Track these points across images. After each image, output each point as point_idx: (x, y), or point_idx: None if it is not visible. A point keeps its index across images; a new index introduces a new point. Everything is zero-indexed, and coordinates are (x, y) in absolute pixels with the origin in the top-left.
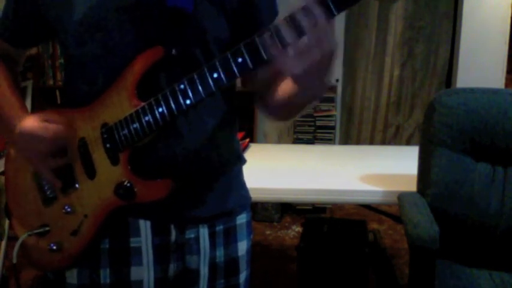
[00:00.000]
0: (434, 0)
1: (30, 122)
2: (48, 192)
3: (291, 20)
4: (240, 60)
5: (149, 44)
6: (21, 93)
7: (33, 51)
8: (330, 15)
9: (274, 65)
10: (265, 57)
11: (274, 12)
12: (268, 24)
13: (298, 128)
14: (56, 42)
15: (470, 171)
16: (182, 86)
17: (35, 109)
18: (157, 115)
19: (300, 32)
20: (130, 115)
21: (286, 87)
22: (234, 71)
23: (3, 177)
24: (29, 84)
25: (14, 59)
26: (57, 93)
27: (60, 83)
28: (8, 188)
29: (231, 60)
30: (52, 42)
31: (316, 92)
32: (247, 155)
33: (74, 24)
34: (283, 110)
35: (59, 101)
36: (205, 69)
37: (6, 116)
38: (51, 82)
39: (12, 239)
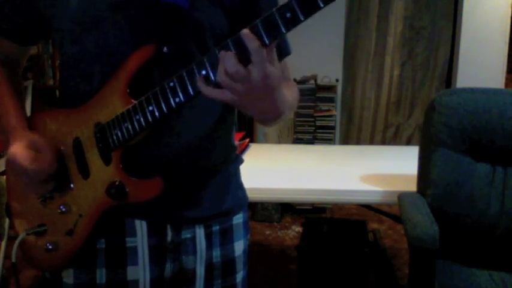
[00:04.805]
0: (434, 0)
1: (19, 151)
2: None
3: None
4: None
5: (145, 41)
6: (22, 98)
7: (33, 51)
8: (263, 44)
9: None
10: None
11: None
12: None
13: (298, 128)
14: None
15: (470, 171)
16: (172, 84)
17: (35, 109)
18: (148, 114)
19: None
20: (122, 114)
21: None
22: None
23: (4, 177)
24: (29, 84)
25: (15, 59)
26: (57, 93)
27: None
28: (9, 188)
29: (219, 55)
30: (52, 42)
31: (263, 114)
32: (247, 155)
33: (68, 22)
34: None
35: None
36: (194, 66)
37: (3, 129)
38: (51, 82)
39: (13, 238)
